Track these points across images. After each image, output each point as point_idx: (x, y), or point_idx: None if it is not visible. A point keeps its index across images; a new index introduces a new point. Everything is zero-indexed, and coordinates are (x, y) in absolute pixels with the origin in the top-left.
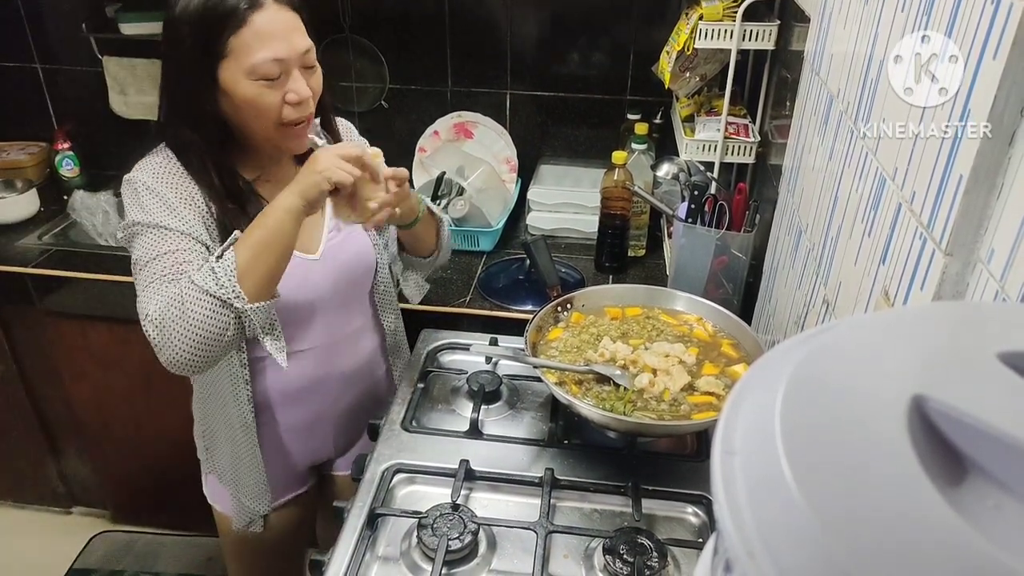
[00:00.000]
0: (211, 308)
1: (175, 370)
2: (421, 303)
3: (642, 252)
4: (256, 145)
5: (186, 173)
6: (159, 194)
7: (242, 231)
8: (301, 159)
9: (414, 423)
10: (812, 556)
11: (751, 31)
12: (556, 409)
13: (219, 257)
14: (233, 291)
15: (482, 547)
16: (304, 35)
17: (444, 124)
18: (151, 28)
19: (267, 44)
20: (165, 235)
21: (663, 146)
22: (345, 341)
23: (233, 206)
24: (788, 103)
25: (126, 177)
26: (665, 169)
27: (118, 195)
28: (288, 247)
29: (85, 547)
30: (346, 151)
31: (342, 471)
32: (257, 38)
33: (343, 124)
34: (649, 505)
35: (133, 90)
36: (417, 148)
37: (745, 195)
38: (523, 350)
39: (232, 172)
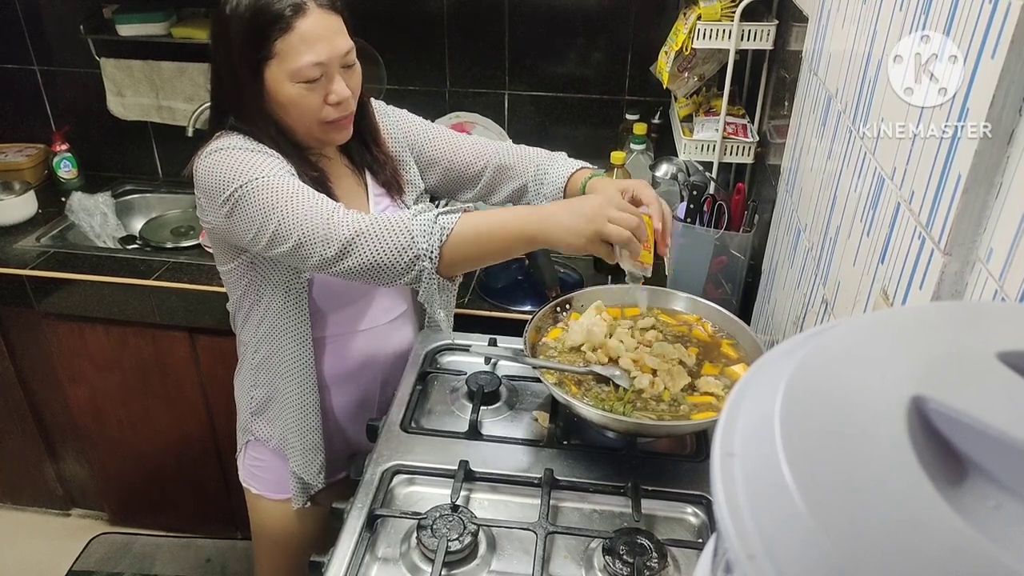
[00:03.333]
0: (407, 248)
1: (350, 277)
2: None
3: None
4: (300, 139)
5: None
6: (259, 151)
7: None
8: (346, 148)
9: (413, 424)
10: (812, 557)
11: (749, 31)
12: (555, 410)
13: (441, 214)
14: (430, 251)
15: (482, 548)
16: (345, 36)
17: (442, 125)
18: (148, 29)
19: (311, 48)
20: (291, 180)
21: (662, 146)
22: (395, 323)
23: (315, 173)
24: (786, 103)
25: (207, 150)
26: (664, 169)
27: (116, 197)
28: (499, 257)
29: (84, 549)
30: (626, 206)
31: None
32: (302, 42)
33: (387, 112)
34: (649, 505)
35: (130, 92)
36: None
37: (744, 195)
38: (522, 351)
39: (296, 151)
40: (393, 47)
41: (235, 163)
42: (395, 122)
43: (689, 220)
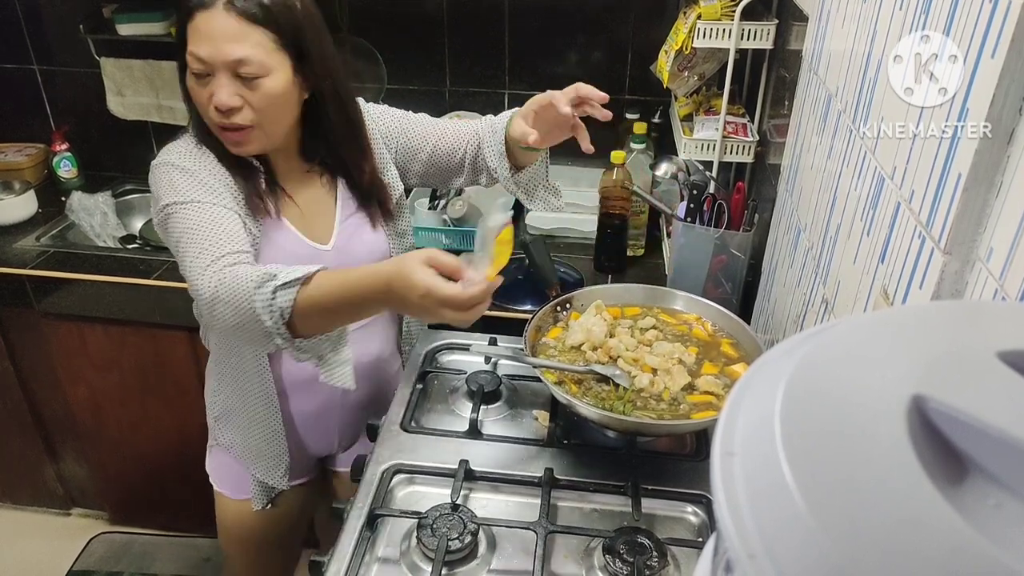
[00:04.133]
0: (256, 323)
1: (226, 338)
2: None
3: (641, 252)
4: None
5: (211, 154)
6: (189, 172)
7: (261, 208)
8: (307, 151)
9: (413, 423)
10: (812, 557)
11: (749, 30)
12: (556, 409)
13: (280, 287)
14: (277, 329)
15: (482, 547)
16: (242, 46)
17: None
18: (148, 29)
19: (199, 41)
20: (202, 209)
21: (662, 145)
22: (362, 332)
23: (264, 177)
24: (786, 102)
25: (153, 163)
26: (664, 168)
27: (116, 196)
28: (354, 320)
29: (84, 549)
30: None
31: (343, 467)
32: (194, 32)
33: (365, 109)
34: (649, 505)
35: (130, 91)
36: None
37: (744, 194)
38: (522, 350)
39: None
40: (393, 46)
41: (167, 181)
42: (374, 120)
43: (689, 219)
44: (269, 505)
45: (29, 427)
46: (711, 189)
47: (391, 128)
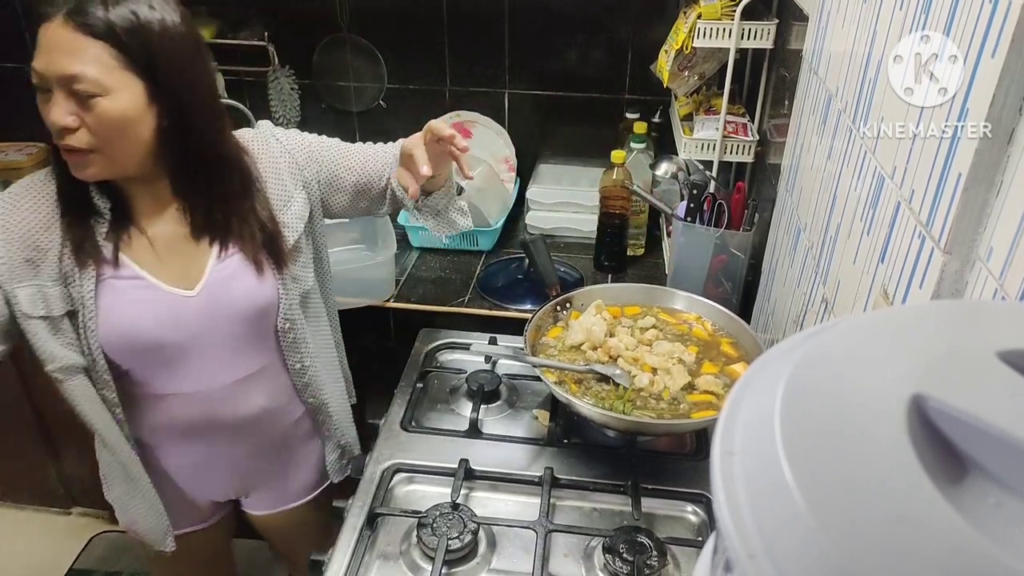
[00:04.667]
0: None
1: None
2: (420, 302)
3: (641, 251)
4: None
5: (31, 196)
6: (11, 208)
7: (93, 255)
8: (178, 188)
9: (413, 423)
10: (812, 556)
11: (749, 30)
12: (556, 408)
13: None
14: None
15: (482, 546)
16: (79, 62)
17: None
18: None
19: (38, 53)
20: None
21: (662, 145)
22: (241, 384)
23: (109, 218)
24: (787, 102)
25: None
26: (664, 168)
27: None
28: None
29: (84, 548)
30: None
31: (257, 511)
32: (37, 44)
33: (281, 138)
34: (649, 504)
35: None
36: None
37: (744, 194)
38: (522, 349)
39: (76, 182)
40: (394, 46)
41: None
42: (287, 149)
43: (689, 219)
44: (173, 547)
45: (30, 426)
46: (711, 189)
47: (310, 158)
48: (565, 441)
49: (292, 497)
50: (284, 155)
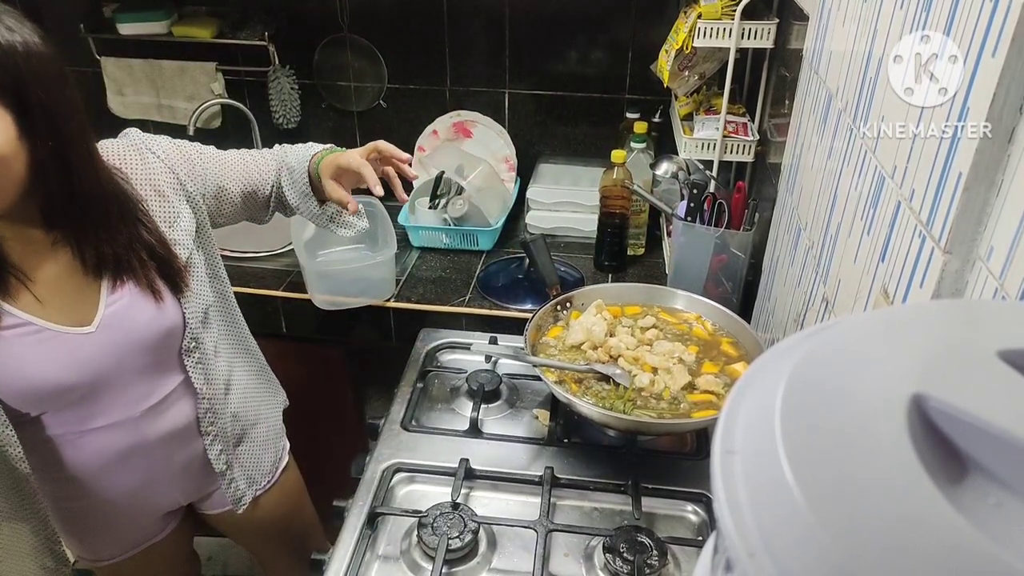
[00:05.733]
0: None
1: None
2: (420, 302)
3: (641, 251)
4: None
5: None
6: None
7: None
8: (46, 220)
9: (414, 422)
10: (812, 555)
11: (750, 29)
12: (556, 408)
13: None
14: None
15: (482, 546)
16: None
17: (443, 123)
18: (148, 28)
19: None
20: None
21: (662, 145)
22: (162, 404)
23: None
24: (787, 101)
25: None
26: (664, 168)
27: None
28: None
29: None
30: None
31: (216, 509)
32: None
33: (160, 153)
34: (649, 503)
35: (131, 90)
36: (416, 147)
37: (744, 193)
38: (523, 349)
39: None
40: (394, 45)
41: None
42: (164, 162)
43: (689, 218)
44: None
45: None
46: (711, 188)
47: (193, 172)
48: (565, 441)
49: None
50: (164, 171)
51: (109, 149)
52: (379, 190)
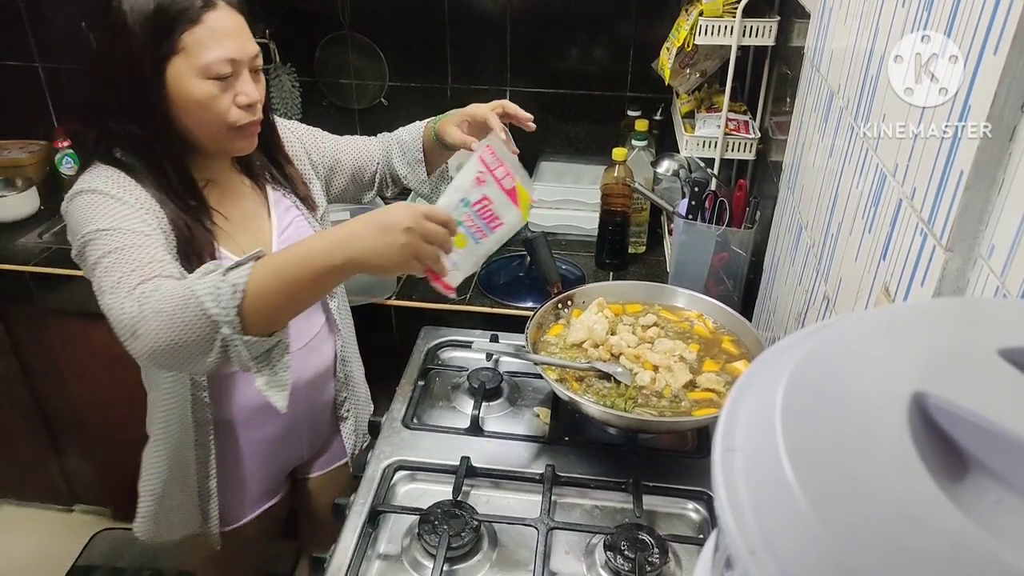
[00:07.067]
0: (198, 319)
1: (150, 364)
2: (421, 300)
3: (643, 249)
4: (201, 148)
5: (135, 181)
6: (116, 198)
7: (195, 238)
8: (243, 161)
9: (415, 420)
10: (813, 553)
11: (751, 27)
12: (557, 406)
13: (230, 269)
14: (226, 316)
15: (483, 544)
16: (252, 39)
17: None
18: None
19: (221, 43)
20: (127, 235)
21: (663, 143)
22: (307, 347)
23: (194, 203)
24: (788, 99)
25: (70, 194)
26: (665, 166)
27: None
28: (312, 299)
29: (87, 545)
30: (437, 216)
31: (318, 471)
32: (212, 36)
33: (288, 126)
34: (650, 501)
35: None
36: None
37: (745, 191)
38: (524, 347)
39: (186, 171)
40: (395, 44)
41: (89, 209)
42: (299, 138)
43: (691, 216)
44: (219, 545)
45: (33, 423)
46: (712, 186)
47: (315, 144)
48: (566, 439)
49: (339, 455)
50: (297, 143)
51: None
52: (531, 125)
